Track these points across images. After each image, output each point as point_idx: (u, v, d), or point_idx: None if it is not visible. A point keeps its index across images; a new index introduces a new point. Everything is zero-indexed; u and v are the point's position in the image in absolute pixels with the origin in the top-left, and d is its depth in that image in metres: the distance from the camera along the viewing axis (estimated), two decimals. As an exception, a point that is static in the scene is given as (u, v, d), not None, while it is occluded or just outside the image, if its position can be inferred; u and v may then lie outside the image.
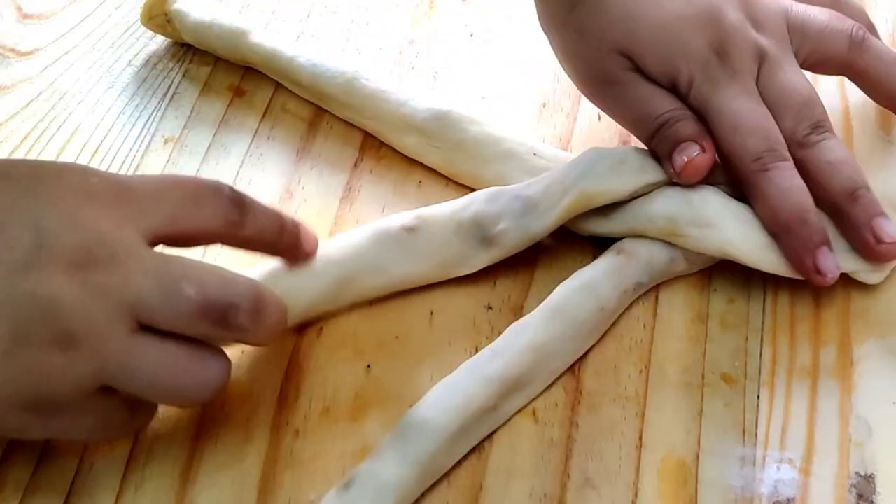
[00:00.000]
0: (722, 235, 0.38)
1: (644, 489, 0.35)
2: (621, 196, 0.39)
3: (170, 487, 0.35)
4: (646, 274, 0.39)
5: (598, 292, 0.38)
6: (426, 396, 0.35)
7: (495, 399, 0.35)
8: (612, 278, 0.38)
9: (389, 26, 0.52)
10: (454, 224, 0.39)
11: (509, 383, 0.35)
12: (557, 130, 0.47)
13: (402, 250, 0.39)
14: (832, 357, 0.38)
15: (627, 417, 0.37)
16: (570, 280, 0.38)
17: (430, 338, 0.39)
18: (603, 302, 0.38)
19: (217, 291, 0.31)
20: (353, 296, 0.39)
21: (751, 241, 0.38)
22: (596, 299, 0.37)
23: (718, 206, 0.38)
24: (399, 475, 0.33)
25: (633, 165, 0.39)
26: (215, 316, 0.31)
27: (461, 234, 0.39)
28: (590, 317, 0.37)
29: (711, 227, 0.38)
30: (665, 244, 0.39)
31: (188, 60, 0.50)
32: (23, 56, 0.50)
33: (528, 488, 0.35)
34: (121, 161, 0.45)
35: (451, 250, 0.39)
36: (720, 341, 0.39)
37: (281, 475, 0.35)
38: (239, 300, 0.31)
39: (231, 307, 0.31)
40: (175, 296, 0.30)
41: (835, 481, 0.35)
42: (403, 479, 0.33)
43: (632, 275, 0.39)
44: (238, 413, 0.37)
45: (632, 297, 0.39)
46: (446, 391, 0.35)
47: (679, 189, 0.39)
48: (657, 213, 0.39)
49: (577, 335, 0.37)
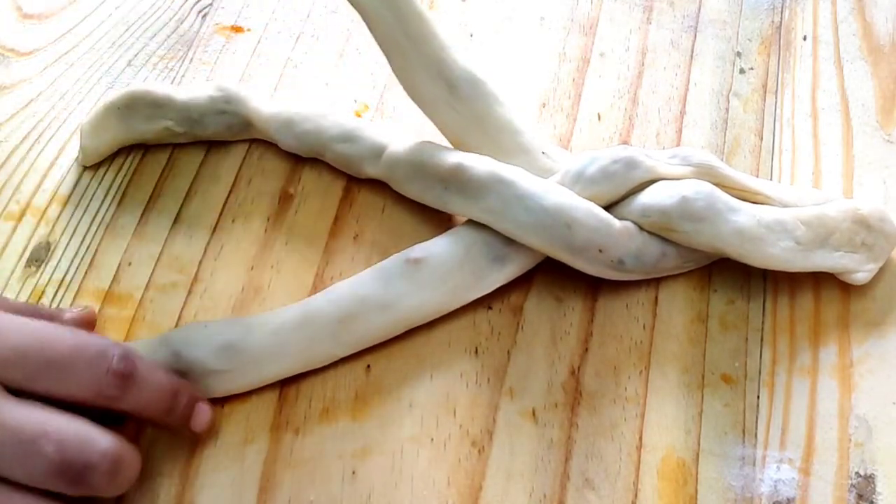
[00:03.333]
0: (713, 230, 0.38)
1: (644, 489, 0.35)
2: (616, 198, 0.39)
3: (170, 487, 0.35)
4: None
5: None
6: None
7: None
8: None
9: (389, 26, 0.52)
10: (463, 246, 0.39)
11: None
12: (557, 130, 0.47)
13: (409, 282, 0.38)
14: (832, 357, 0.38)
15: (627, 418, 0.37)
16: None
17: (430, 338, 0.39)
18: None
19: (75, 451, 0.29)
20: (358, 337, 0.38)
21: (741, 236, 0.38)
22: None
23: (711, 201, 0.38)
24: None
25: (625, 166, 0.39)
26: (71, 475, 0.29)
27: (472, 254, 0.39)
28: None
29: (703, 221, 0.38)
30: (656, 238, 0.39)
31: (189, 60, 0.50)
32: (23, 56, 0.50)
33: (527, 489, 0.35)
34: (120, 162, 0.45)
35: (462, 273, 0.39)
36: (720, 341, 0.39)
37: (281, 475, 0.35)
38: (97, 460, 0.30)
39: (88, 468, 0.29)
40: (32, 454, 0.28)
41: (835, 481, 0.35)
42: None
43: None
44: (238, 413, 0.37)
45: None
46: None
47: (672, 184, 0.39)
48: (651, 208, 0.39)
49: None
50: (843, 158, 0.45)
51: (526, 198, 0.38)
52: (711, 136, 0.46)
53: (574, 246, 0.38)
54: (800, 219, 0.39)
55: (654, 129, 0.47)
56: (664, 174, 0.39)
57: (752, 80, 0.49)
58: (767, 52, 0.50)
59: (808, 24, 0.51)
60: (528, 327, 0.40)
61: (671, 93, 0.48)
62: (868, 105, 0.46)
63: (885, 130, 0.46)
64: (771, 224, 0.38)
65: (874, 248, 0.39)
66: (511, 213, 0.38)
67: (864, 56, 0.49)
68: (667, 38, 0.51)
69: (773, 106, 0.48)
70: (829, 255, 0.39)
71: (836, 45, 0.50)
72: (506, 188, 0.38)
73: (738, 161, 0.45)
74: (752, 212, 0.38)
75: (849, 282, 0.39)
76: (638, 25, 0.52)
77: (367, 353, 0.39)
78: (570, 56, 0.50)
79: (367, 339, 0.38)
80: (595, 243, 0.38)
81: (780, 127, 0.47)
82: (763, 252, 0.38)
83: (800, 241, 0.38)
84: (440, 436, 0.37)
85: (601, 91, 0.48)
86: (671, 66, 0.50)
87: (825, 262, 0.39)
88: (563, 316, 0.40)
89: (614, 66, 0.50)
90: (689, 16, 0.52)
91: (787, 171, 0.45)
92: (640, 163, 0.39)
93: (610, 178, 0.39)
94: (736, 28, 0.51)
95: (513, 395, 0.38)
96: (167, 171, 0.45)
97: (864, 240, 0.39)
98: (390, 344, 0.39)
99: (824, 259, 0.39)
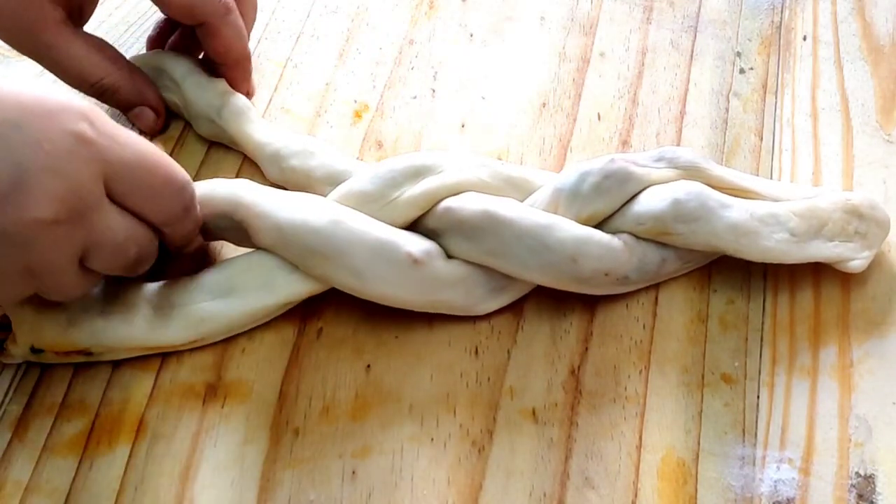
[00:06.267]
0: (708, 228, 0.38)
1: (644, 489, 0.35)
2: (611, 212, 0.39)
3: (170, 487, 0.35)
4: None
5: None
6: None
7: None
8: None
9: (389, 26, 0.52)
10: (460, 274, 0.38)
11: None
12: (557, 130, 0.47)
13: (401, 275, 0.37)
14: (832, 357, 0.38)
15: (627, 417, 0.37)
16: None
17: (430, 338, 0.39)
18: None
19: (144, 256, 0.36)
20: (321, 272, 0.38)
21: (736, 231, 0.38)
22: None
23: (702, 200, 0.38)
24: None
25: (619, 181, 0.39)
26: (133, 268, 0.36)
27: (468, 284, 0.38)
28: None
29: (698, 221, 0.38)
30: (654, 245, 0.39)
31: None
32: (23, 56, 0.50)
33: (527, 488, 0.35)
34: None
35: (457, 292, 0.38)
36: (720, 341, 0.39)
37: (281, 475, 0.35)
38: (149, 260, 0.37)
39: (142, 264, 0.36)
40: (120, 253, 0.34)
41: (835, 481, 0.35)
42: None
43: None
44: (238, 413, 0.37)
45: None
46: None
47: (662, 188, 0.39)
48: (644, 215, 0.39)
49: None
50: (843, 158, 0.45)
51: (526, 237, 0.37)
52: (711, 136, 0.46)
53: (582, 277, 0.38)
54: (792, 211, 0.39)
55: (654, 129, 0.47)
56: (654, 180, 0.39)
57: (752, 80, 0.49)
58: (767, 52, 0.50)
59: (808, 24, 0.51)
60: (528, 327, 0.40)
61: (671, 93, 0.48)
62: (868, 105, 0.46)
63: (885, 130, 0.46)
64: (764, 217, 0.38)
65: (868, 235, 0.39)
66: (514, 254, 0.37)
67: (864, 56, 0.49)
68: (667, 38, 0.51)
69: (773, 106, 0.48)
70: (824, 245, 0.39)
71: (836, 45, 0.50)
72: (504, 228, 0.37)
73: (738, 161, 0.45)
74: (744, 206, 0.38)
75: (846, 270, 0.39)
76: (638, 25, 0.52)
77: (368, 353, 0.39)
78: (570, 56, 0.50)
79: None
80: (601, 269, 0.38)
81: (780, 127, 0.47)
82: (759, 245, 0.38)
83: (794, 232, 0.38)
84: (440, 435, 0.37)
85: (601, 91, 0.48)
86: (671, 66, 0.50)
87: (821, 252, 0.39)
88: (563, 316, 0.40)
89: (614, 66, 0.50)
90: (689, 16, 0.52)
91: (787, 170, 0.45)
92: (632, 174, 0.39)
93: (604, 194, 0.39)
94: (736, 28, 0.51)
95: (513, 394, 0.38)
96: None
97: (857, 228, 0.39)
98: (390, 344, 0.39)
99: (819, 249, 0.39)
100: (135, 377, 0.38)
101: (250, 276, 0.38)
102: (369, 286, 0.37)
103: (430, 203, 0.38)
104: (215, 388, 0.38)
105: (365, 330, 0.39)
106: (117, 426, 0.37)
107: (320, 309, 0.40)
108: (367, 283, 0.37)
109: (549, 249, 0.37)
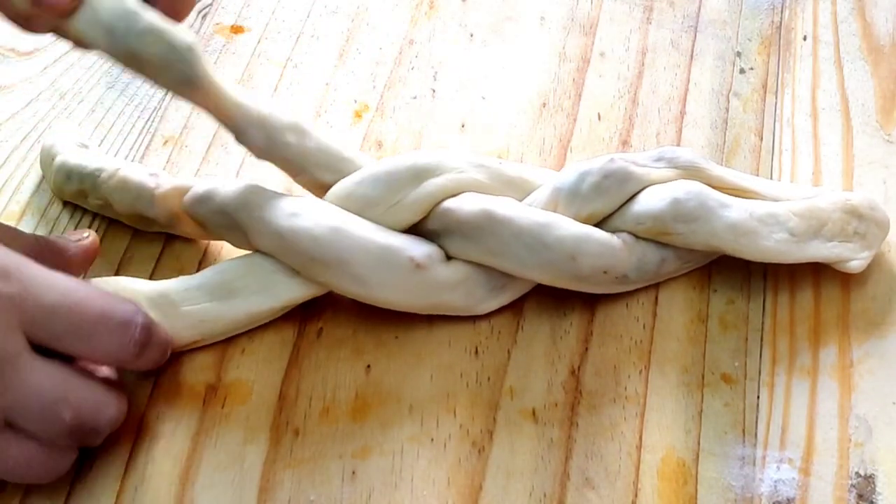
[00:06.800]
0: (707, 228, 0.38)
1: (644, 489, 0.35)
2: (610, 212, 0.39)
3: (170, 487, 0.35)
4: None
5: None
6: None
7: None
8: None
9: (389, 26, 0.52)
10: (461, 275, 0.38)
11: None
12: (557, 130, 0.47)
13: (404, 280, 0.37)
14: (832, 357, 0.38)
15: (627, 417, 0.37)
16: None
17: (430, 338, 0.39)
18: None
19: (89, 418, 0.32)
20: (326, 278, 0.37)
21: (735, 231, 0.38)
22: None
23: (702, 200, 0.38)
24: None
25: (618, 181, 0.39)
26: (79, 437, 0.33)
27: (468, 285, 0.38)
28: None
29: (697, 220, 0.38)
30: (654, 245, 0.39)
31: (188, 60, 0.50)
32: (23, 56, 0.50)
33: (527, 488, 0.35)
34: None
35: (458, 294, 0.38)
36: (720, 341, 0.39)
37: (281, 475, 0.35)
38: (104, 426, 0.33)
39: (94, 431, 0.33)
40: (50, 416, 0.31)
41: (835, 481, 0.35)
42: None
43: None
44: (238, 413, 0.37)
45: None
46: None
47: (661, 188, 0.39)
48: (643, 215, 0.39)
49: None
50: (843, 158, 0.45)
51: (525, 235, 0.37)
52: (711, 136, 0.46)
53: (581, 275, 0.38)
54: (792, 211, 0.39)
55: (654, 129, 0.47)
56: (654, 180, 0.39)
57: (752, 80, 0.49)
58: (767, 52, 0.50)
59: (808, 24, 0.51)
60: (528, 327, 0.40)
61: (671, 93, 0.48)
62: (868, 105, 0.46)
63: (885, 130, 0.46)
64: (764, 217, 0.38)
65: (867, 235, 0.39)
66: (513, 253, 0.37)
67: (864, 56, 0.49)
68: (667, 38, 0.51)
69: (773, 106, 0.48)
70: (824, 245, 0.39)
71: (836, 45, 0.50)
72: (503, 227, 0.37)
73: (738, 161, 0.45)
74: (744, 206, 0.38)
75: (845, 271, 0.39)
76: (638, 25, 0.52)
77: (367, 353, 0.39)
78: (570, 56, 0.50)
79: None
80: (600, 267, 0.38)
81: (780, 127, 0.47)
82: (758, 245, 0.38)
83: (793, 232, 0.38)
84: (440, 436, 0.37)
85: (601, 91, 0.48)
86: (671, 66, 0.50)
87: (820, 253, 0.39)
88: (563, 316, 0.40)
89: (614, 66, 0.50)
90: (689, 16, 0.52)
91: (787, 170, 0.45)
92: (632, 174, 0.39)
93: (603, 193, 0.39)
94: (736, 28, 0.51)
95: (513, 394, 0.38)
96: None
97: (857, 228, 0.39)
98: (390, 344, 0.39)
99: (819, 249, 0.39)
100: (135, 377, 0.38)
101: (251, 279, 0.38)
102: (372, 292, 0.37)
103: (431, 206, 0.38)
104: (215, 389, 0.38)
105: (365, 330, 0.39)
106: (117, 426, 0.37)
107: (320, 309, 0.40)
108: (370, 290, 0.37)
109: (548, 247, 0.37)
